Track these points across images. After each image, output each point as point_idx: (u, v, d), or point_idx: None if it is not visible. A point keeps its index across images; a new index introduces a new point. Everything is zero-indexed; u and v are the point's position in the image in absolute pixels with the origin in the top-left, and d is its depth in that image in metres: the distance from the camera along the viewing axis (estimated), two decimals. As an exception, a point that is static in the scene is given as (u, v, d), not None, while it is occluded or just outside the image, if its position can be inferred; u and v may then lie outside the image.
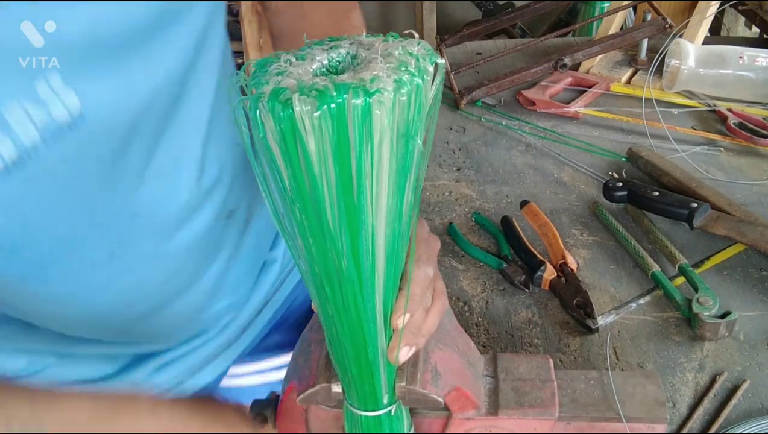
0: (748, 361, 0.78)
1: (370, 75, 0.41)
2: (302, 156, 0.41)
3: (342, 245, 0.45)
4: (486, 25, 1.48)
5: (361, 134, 0.40)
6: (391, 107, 0.41)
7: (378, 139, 0.41)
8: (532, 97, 1.27)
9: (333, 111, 0.39)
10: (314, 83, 0.40)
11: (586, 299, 0.85)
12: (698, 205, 0.93)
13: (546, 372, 0.66)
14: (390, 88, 0.40)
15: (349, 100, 0.39)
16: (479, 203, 1.06)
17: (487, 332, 0.85)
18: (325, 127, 0.39)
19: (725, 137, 1.14)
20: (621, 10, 1.36)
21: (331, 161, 0.41)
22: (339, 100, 0.39)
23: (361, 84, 0.40)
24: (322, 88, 0.39)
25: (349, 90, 0.39)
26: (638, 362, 0.79)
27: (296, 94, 0.39)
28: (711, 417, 0.72)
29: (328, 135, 0.40)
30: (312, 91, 0.39)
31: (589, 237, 0.98)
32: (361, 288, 0.47)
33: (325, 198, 0.42)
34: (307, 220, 0.44)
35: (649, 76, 1.27)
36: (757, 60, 1.20)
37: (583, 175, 1.10)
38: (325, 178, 0.41)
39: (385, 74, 0.41)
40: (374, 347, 0.52)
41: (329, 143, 0.40)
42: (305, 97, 0.39)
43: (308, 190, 0.42)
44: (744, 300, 0.85)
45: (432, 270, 0.56)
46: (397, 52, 0.44)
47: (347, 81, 0.40)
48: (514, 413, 0.63)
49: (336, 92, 0.39)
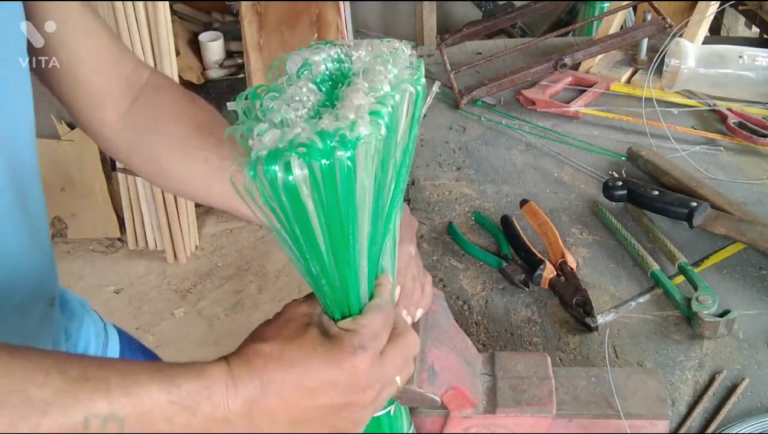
0: (747, 360, 0.78)
1: (349, 119, 0.44)
2: (297, 211, 0.45)
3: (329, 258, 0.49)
4: (486, 25, 1.48)
5: (347, 182, 0.44)
6: (374, 147, 0.44)
7: (360, 178, 0.45)
8: (532, 96, 1.27)
9: (324, 168, 0.43)
10: (296, 136, 0.43)
11: (586, 298, 0.85)
12: (698, 204, 0.93)
13: (544, 369, 0.67)
14: (369, 128, 0.44)
15: (335, 155, 0.42)
16: (479, 202, 1.06)
17: (487, 331, 0.85)
18: (317, 181, 0.43)
19: (725, 136, 1.14)
20: (621, 9, 1.36)
21: (326, 206, 0.45)
22: (328, 160, 0.42)
23: (343, 135, 0.43)
24: (307, 142, 0.42)
25: (334, 140, 0.42)
26: (638, 360, 0.79)
27: (294, 157, 0.42)
28: (710, 415, 0.72)
29: (319, 188, 0.44)
30: (300, 148, 0.42)
31: (589, 236, 0.98)
32: (348, 290, 0.51)
33: (318, 236, 0.47)
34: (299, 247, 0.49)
35: (649, 76, 1.27)
36: (757, 59, 1.20)
37: (583, 175, 1.10)
38: (318, 222, 0.46)
39: (367, 108, 0.44)
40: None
41: (322, 194, 0.44)
42: (302, 161, 0.42)
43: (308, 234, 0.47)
44: (743, 298, 0.85)
45: (414, 249, 0.62)
46: (380, 75, 0.47)
47: (328, 129, 0.43)
48: (511, 411, 0.63)
49: (321, 143, 0.42)
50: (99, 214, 2.60)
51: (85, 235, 2.64)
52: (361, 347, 0.49)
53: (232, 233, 2.66)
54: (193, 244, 2.58)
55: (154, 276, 2.50)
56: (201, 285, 2.46)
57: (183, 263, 2.53)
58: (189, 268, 2.53)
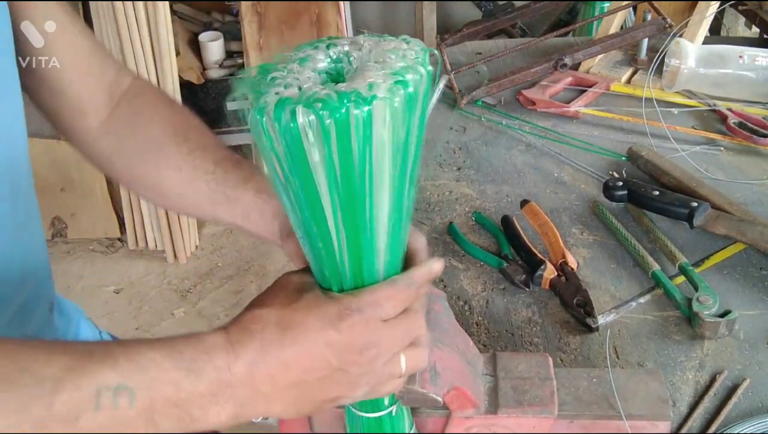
0: (748, 360, 0.78)
1: (366, 82, 0.43)
2: (305, 164, 0.44)
3: (340, 242, 0.49)
4: (486, 25, 1.48)
5: (364, 141, 0.43)
6: (390, 111, 0.43)
7: (377, 143, 0.44)
8: (533, 96, 1.27)
9: (338, 120, 0.42)
10: (315, 93, 0.41)
11: (587, 298, 0.85)
12: (698, 205, 0.93)
13: (545, 370, 0.67)
14: (386, 95, 0.43)
15: (351, 111, 0.42)
16: (479, 202, 1.06)
17: (488, 331, 0.85)
18: (331, 136, 0.42)
19: (725, 136, 1.14)
20: (621, 9, 1.36)
21: (338, 167, 0.44)
22: (342, 110, 0.41)
23: (359, 92, 0.42)
24: (324, 98, 0.40)
25: (351, 99, 0.41)
26: (638, 361, 0.79)
27: (300, 106, 0.41)
28: (711, 415, 0.72)
29: (332, 144, 0.43)
30: (316, 103, 0.41)
31: (590, 236, 0.98)
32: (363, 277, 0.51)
33: (326, 199, 0.46)
34: (310, 218, 0.48)
35: (649, 76, 1.27)
36: (757, 59, 1.20)
37: (583, 175, 1.10)
38: (328, 184, 0.45)
39: (382, 80, 0.43)
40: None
41: (334, 152, 0.43)
42: (308, 109, 0.41)
43: (311, 194, 0.46)
44: (744, 299, 0.85)
45: (424, 241, 0.61)
46: (392, 56, 0.46)
47: (346, 90, 0.42)
48: (513, 411, 0.63)
49: (338, 101, 0.41)
50: (99, 214, 2.59)
51: (85, 235, 2.64)
52: (357, 310, 0.49)
53: (232, 233, 2.66)
54: (193, 244, 2.58)
55: (154, 276, 2.50)
56: (201, 285, 2.46)
57: (183, 263, 2.53)
58: (189, 268, 2.53)
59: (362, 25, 3.24)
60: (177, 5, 2.80)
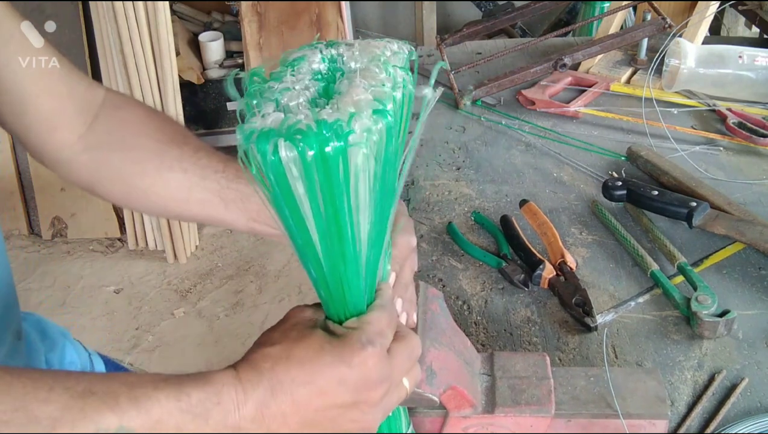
0: (746, 360, 0.78)
1: (348, 111, 0.44)
2: (291, 195, 0.45)
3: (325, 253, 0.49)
4: (486, 25, 1.48)
5: (345, 169, 0.44)
6: (369, 139, 0.44)
7: (354, 170, 0.45)
8: (532, 96, 1.27)
9: (317, 154, 0.43)
10: (297, 122, 0.43)
11: (585, 298, 0.85)
12: (697, 204, 0.93)
13: (543, 369, 0.67)
14: (368, 121, 0.44)
15: (331, 143, 0.42)
16: (479, 202, 1.06)
17: (486, 331, 0.85)
18: (313, 169, 0.43)
19: (725, 136, 1.14)
20: (621, 10, 1.36)
21: (320, 197, 0.45)
22: (321, 143, 0.42)
23: (340, 124, 0.43)
24: (305, 129, 0.42)
25: (332, 128, 0.42)
26: (637, 360, 0.79)
27: (281, 141, 0.42)
28: (709, 415, 0.72)
29: (314, 175, 0.44)
30: (297, 135, 0.42)
31: (589, 236, 0.98)
32: (349, 286, 0.51)
33: (311, 226, 0.48)
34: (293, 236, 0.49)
35: (649, 76, 1.27)
36: (757, 60, 1.19)
37: (582, 174, 1.10)
38: (312, 212, 0.46)
39: (364, 103, 0.45)
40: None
41: (317, 182, 0.44)
42: (290, 143, 0.42)
43: (299, 221, 0.48)
44: (743, 298, 0.85)
45: (414, 240, 0.62)
46: (376, 69, 0.48)
47: (327, 118, 0.43)
48: (510, 411, 0.63)
49: (317, 133, 0.42)
50: (99, 214, 2.60)
51: (85, 235, 2.64)
52: (369, 342, 0.49)
53: (232, 233, 2.66)
54: (193, 244, 2.59)
55: (154, 276, 2.50)
56: (201, 285, 2.46)
57: (183, 263, 2.54)
58: (189, 268, 2.53)
59: (362, 25, 3.25)
60: (177, 5, 2.81)
